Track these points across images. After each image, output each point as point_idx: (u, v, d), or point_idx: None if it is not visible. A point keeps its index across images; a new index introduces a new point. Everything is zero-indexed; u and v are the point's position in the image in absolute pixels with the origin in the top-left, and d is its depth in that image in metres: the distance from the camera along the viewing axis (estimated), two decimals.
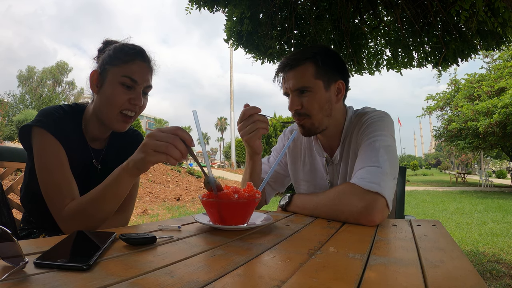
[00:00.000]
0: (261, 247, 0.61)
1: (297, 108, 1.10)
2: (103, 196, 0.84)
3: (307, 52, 1.11)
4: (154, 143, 0.74)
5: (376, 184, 0.91)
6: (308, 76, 1.08)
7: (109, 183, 0.83)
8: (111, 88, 1.00)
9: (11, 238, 0.42)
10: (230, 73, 19.28)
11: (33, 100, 31.09)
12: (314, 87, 1.09)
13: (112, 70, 1.00)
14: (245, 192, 0.78)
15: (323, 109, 1.11)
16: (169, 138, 0.73)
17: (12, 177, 5.29)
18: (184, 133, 0.75)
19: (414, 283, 0.44)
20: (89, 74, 1.04)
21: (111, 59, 1.02)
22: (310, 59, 1.09)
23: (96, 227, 0.88)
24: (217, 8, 2.82)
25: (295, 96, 1.11)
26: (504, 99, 12.07)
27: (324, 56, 1.10)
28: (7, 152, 1.27)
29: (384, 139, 1.04)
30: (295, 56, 1.11)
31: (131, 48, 1.04)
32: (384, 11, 3.10)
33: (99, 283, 0.40)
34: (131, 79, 1.00)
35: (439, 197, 10.55)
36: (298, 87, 1.09)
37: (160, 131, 0.75)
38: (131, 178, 0.82)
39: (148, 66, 1.05)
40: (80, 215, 0.86)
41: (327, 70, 1.10)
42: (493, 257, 3.44)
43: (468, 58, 2.92)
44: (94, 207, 0.85)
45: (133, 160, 0.79)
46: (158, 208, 7.34)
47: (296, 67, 1.10)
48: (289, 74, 1.11)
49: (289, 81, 1.10)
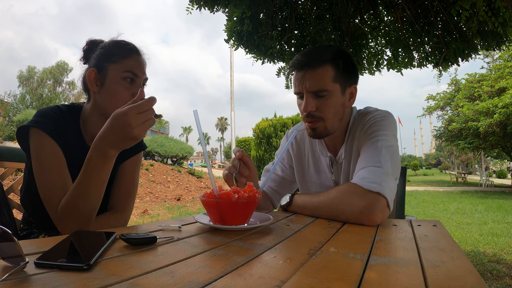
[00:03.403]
0: (261, 247, 0.61)
1: (312, 110, 1.08)
2: (89, 184, 0.83)
3: (327, 53, 1.07)
4: (139, 117, 0.77)
5: (377, 184, 0.91)
6: (327, 79, 1.05)
7: (90, 170, 0.82)
8: (115, 84, 1.01)
9: (12, 238, 0.42)
10: (230, 73, 19.27)
11: (34, 100, 31.10)
12: (332, 90, 1.06)
13: (112, 67, 1.02)
14: (245, 192, 0.78)
15: (338, 113, 1.10)
16: (143, 106, 0.78)
17: (12, 177, 5.30)
18: (140, 95, 0.81)
19: (415, 283, 0.44)
20: (86, 74, 1.04)
21: (109, 56, 1.03)
22: (331, 62, 1.06)
23: (88, 219, 0.88)
24: (218, 8, 2.82)
25: (310, 98, 1.07)
26: (504, 99, 12.04)
27: (344, 59, 1.08)
28: (7, 152, 1.27)
29: (387, 139, 1.03)
30: (315, 56, 1.07)
31: (126, 44, 1.06)
32: (384, 11, 3.10)
33: (99, 283, 0.40)
34: (132, 73, 1.02)
35: (439, 197, 10.54)
36: (316, 89, 1.06)
37: (133, 110, 0.77)
38: (112, 159, 0.83)
39: (142, 59, 1.08)
40: (69, 210, 0.86)
41: (345, 74, 1.09)
42: (494, 257, 3.43)
43: (468, 58, 2.92)
44: (82, 197, 0.84)
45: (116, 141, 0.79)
46: (158, 208, 7.35)
47: (316, 68, 1.05)
48: (307, 74, 1.06)
49: (306, 81, 1.06)
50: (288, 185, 1.35)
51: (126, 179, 1.12)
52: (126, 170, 1.13)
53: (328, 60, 1.06)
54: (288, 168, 1.34)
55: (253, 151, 11.68)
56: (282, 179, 1.34)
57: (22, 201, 1.11)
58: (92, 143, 0.82)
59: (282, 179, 1.34)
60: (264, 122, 11.72)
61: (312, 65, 1.06)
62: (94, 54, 1.05)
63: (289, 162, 1.34)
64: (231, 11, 2.83)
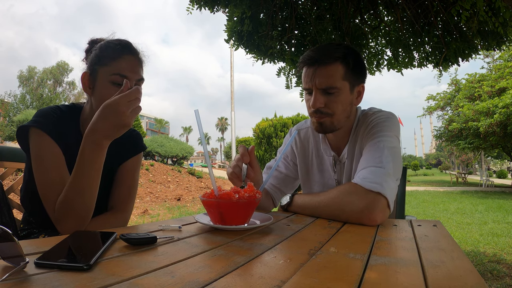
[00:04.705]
0: (261, 247, 0.61)
1: (321, 106, 1.08)
2: (84, 177, 0.84)
3: (338, 51, 1.08)
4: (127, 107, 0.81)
5: (378, 184, 0.91)
6: (337, 76, 1.06)
7: (84, 165, 0.84)
8: (103, 89, 0.99)
9: (12, 238, 0.42)
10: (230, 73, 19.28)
11: (34, 100, 31.10)
12: (341, 88, 1.07)
13: (101, 70, 1.00)
14: (246, 192, 0.78)
15: (345, 110, 1.11)
16: (132, 95, 0.82)
17: (12, 177, 5.30)
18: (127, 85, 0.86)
19: (415, 283, 0.44)
20: (80, 77, 1.04)
21: (99, 58, 1.01)
22: (341, 60, 1.07)
23: (85, 216, 0.88)
24: (218, 8, 2.82)
25: (319, 94, 1.08)
26: (504, 99, 12.04)
27: (354, 58, 1.09)
28: (8, 152, 1.27)
29: (389, 140, 1.04)
30: (325, 52, 1.07)
31: (117, 44, 1.02)
32: (384, 11, 3.10)
33: (99, 283, 0.40)
34: (120, 75, 0.99)
35: (439, 197, 10.54)
36: (326, 86, 1.06)
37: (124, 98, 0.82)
38: (105, 149, 0.86)
39: (136, 58, 1.04)
40: (65, 207, 0.86)
41: (355, 72, 1.10)
42: (494, 257, 3.43)
43: (468, 58, 2.91)
44: (77, 192, 0.85)
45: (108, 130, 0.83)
46: (158, 208, 7.35)
47: (326, 65, 1.06)
48: (317, 71, 1.07)
49: (316, 78, 1.07)
50: (290, 183, 1.34)
51: (126, 180, 1.12)
52: (126, 170, 1.13)
53: (339, 58, 1.07)
54: (292, 165, 1.34)
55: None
56: (285, 176, 1.33)
57: (22, 201, 1.11)
58: (84, 136, 0.84)
59: (285, 176, 1.33)
60: (264, 122, 11.72)
61: (322, 62, 1.06)
62: (90, 56, 1.04)
63: (293, 159, 1.34)
64: (231, 11, 2.83)
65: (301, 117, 11.59)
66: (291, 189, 1.35)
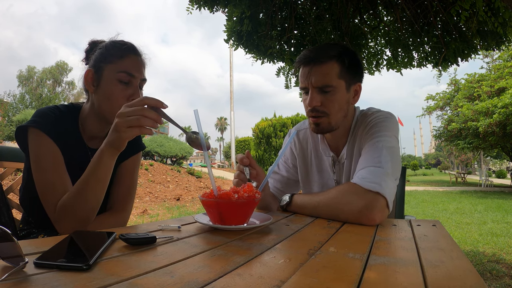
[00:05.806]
0: (261, 247, 0.61)
1: (317, 105, 1.09)
2: (86, 184, 0.85)
3: (333, 50, 1.09)
4: (125, 120, 0.77)
5: (377, 184, 0.91)
6: (332, 74, 1.07)
7: (90, 169, 0.85)
8: (109, 85, 1.00)
9: (11, 238, 0.42)
10: (230, 73, 19.28)
11: (33, 100, 31.07)
12: (337, 86, 1.08)
13: (107, 67, 1.01)
14: (245, 192, 0.78)
15: (342, 109, 1.11)
16: (138, 111, 0.76)
17: (12, 177, 5.29)
18: (151, 100, 0.78)
19: (414, 283, 0.44)
20: (84, 74, 1.04)
21: (105, 56, 1.02)
22: (337, 58, 1.07)
23: (86, 220, 0.88)
24: (217, 8, 2.82)
25: (315, 93, 1.09)
26: (504, 99, 12.06)
27: (350, 57, 1.10)
28: (7, 152, 1.27)
29: (388, 140, 1.04)
30: (321, 52, 1.09)
31: (123, 44, 1.05)
32: (384, 11, 3.10)
33: (99, 283, 0.40)
34: (127, 74, 1.01)
35: (439, 197, 10.55)
36: (322, 84, 1.07)
37: (127, 107, 0.78)
38: (111, 158, 0.85)
39: (140, 59, 1.06)
40: (67, 210, 0.87)
41: (351, 71, 1.10)
42: (493, 257, 3.44)
43: (468, 58, 2.92)
44: (79, 197, 0.86)
45: (109, 142, 0.82)
46: (158, 208, 7.34)
47: (321, 63, 1.07)
48: (313, 70, 1.08)
49: (312, 76, 1.08)
50: (293, 185, 1.35)
51: (125, 179, 1.12)
52: (125, 170, 1.13)
53: (334, 56, 1.07)
54: (292, 167, 1.34)
55: (253, 151, 11.70)
56: (287, 180, 1.34)
57: (21, 201, 1.11)
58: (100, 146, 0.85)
59: (287, 180, 1.34)
60: (264, 122, 11.73)
61: (318, 60, 1.07)
62: (93, 55, 1.05)
63: (292, 162, 1.34)
64: (230, 11, 2.83)
65: (300, 117, 11.60)
66: (295, 191, 1.35)
